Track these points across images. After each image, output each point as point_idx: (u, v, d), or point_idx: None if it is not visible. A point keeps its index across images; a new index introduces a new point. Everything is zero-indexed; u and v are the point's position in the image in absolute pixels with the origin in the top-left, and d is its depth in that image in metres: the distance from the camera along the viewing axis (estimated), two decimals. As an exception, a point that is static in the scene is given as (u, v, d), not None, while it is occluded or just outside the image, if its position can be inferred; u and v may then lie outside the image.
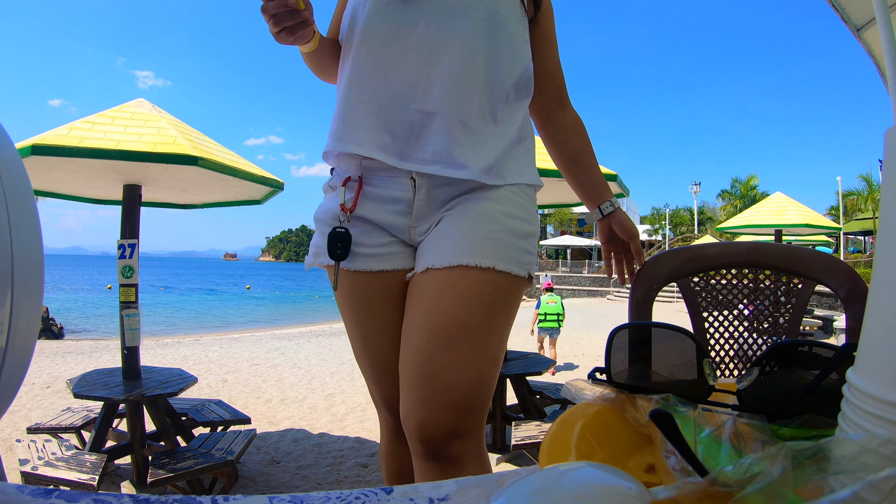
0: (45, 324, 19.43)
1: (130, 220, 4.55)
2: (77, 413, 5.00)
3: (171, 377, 4.60)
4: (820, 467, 0.38)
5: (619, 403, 0.70)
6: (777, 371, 0.65)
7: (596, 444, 0.62)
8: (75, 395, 4.07)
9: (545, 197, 6.35)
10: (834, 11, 2.97)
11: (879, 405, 0.43)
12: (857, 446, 0.39)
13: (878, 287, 0.45)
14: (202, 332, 20.71)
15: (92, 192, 5.44)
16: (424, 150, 1.33)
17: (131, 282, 4.45)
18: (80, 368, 8.82)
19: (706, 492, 0.41)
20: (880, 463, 0.37)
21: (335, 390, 7.75)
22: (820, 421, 0.56)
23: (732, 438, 0.52)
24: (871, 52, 3.26)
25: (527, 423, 4.61)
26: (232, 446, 4.07)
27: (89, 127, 3.91)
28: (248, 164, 4.63)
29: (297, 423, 6.18)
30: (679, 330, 0.74)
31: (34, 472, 3.56)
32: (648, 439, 0.65)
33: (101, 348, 11.99)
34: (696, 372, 0.70)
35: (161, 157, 3.73)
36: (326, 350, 11.68)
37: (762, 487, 0.37)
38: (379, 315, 1.43)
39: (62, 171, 4.35)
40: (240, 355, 10.85)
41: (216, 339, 14.62)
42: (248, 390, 7.74)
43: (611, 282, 35.60)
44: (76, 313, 30.00)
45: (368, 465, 4.87)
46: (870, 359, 0.46)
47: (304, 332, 16.39)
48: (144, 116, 4.19)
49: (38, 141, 3.64)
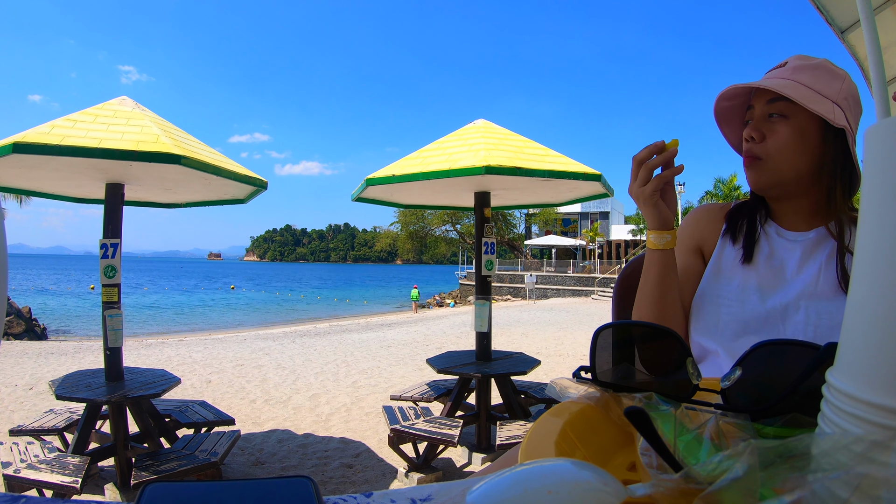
0: (28, 324, 19.26)
1: (113, 220, 4.51)
2: (60, 415, 4.95)
3: (154, 378, 4.57)
4: (794, 465, 0.39)
5: (603, 402, 0.71)
6: (761, 370, 0.66)
7: (579, 442, 0.62)
8: (58, 396, 4.04)
9: (530, 197, 6.37)
10: (819, 14, 2.99)
11: (857, 405, 0.43)
12: (829, 443, 0.39)
13: (857, 288, 0.46)
14: (186, 332, 20.61)
15: (74, 190, 5.39)
16: None
17: (114, 282, 4.42)
18: (63, 370, 8.74)
19: (681, 488, 0.41)
20: (853, 460, 0.37)
21: (320, 391, 7.73)
22: (804, 420, 0.56)
23: (713, 437, 0.52)
24: (854, 54, 3.29)
25: (511, 423, 4.62)
26: (216, 447, 4.04)
27: (72, 125, 3.87)
28: (231, 162, 4.60)
29: (282, 423, 6.15)
30: (663, 329, 0.74)
31: (16, 474, 3.52)
32: (632, 438, 0.65)
33: (85, 349, 11.88)
34: (680, 371, 0.70)
35: (144, 155, 3.70)
36: (311, 350, 11.64)
37: (727, 484, 0.38)
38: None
39: (44, 170, 4.31)
40: (224, 356, 10.79)
41: (200, 339, 14.53)
42: (232, 391, 7.70)
43: (595, 282, 35.75)
44: (59, 314, 29.79)
45: (353, 466, 4.86)
46: (848, 359, 0.46)
47: (289, 332, 16.31)
48: (127, 114, 4.15)
49: (19, 139, 3.60)
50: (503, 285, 39.81)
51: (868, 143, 0.46)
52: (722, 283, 1.35)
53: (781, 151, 1.27)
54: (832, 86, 1.26)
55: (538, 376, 7.22)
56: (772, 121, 1.28)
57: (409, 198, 6.43)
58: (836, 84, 1.27)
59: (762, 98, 1.30)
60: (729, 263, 1.37)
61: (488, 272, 5.30)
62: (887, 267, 0.42)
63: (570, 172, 4.65)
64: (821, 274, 1.25)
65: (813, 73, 1.27)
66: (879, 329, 0.42)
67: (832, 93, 1.25)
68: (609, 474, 0.40)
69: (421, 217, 48.62)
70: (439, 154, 4.87)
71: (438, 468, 4.76)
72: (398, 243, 56.21)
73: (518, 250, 53.48)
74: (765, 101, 1.29)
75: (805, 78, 1.26)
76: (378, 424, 6.02)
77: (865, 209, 0.46)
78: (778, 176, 1.29)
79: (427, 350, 11.52)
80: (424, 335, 14.52)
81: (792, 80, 1.26)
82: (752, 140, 1.30)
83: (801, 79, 1.26)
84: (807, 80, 1.26)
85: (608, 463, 0.64)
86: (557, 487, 0.37)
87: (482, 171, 4.30)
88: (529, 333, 14.86)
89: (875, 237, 0.44)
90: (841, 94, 1.26)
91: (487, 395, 5.12)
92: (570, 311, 22.75)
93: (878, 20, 2.50)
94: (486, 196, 5.39)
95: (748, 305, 1.29)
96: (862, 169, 1.19)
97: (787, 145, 1.26)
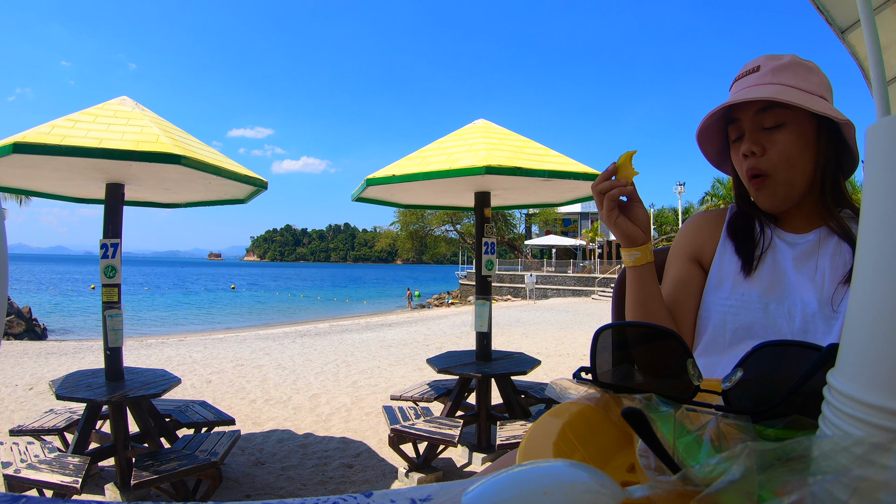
0: (29, 324, 19.26)
1: (113, 220, 4.51)
2: (60, 415, 4.95)
3: (154, 378, 4.57)
4: (793, 468, 0.39)
5: (603, 403, 0.70)
6: (762, 371, 0.65)
7: (578, 443, 0.62)
8: (58, 396, 4.04)
9: (530, 197, 6.36)
10: (819, 14, 2.99)
11: (858, 407, 0.43)
12: (829, 446, 0.39)
13: (858, 289, 0.45)
14: (186, 332, 20.61)
15: (74, 190, 5.39)
16: None
17: (114, 282, 4.42)
18: (63, 370, 8.74)
19: (678, 490, 0.41)
20: (853, 463, 0.37)
21: (320, 391, 7.73)
22: (805, 422, 0.56)
23: (714, 438, 0.52)
24: (855, 54, 3.28)
25: (512, 423, 4.62)
26: (216, 447, 4.04)
27: (72, 125, 3.87)
28: (231, 162, 4.60)
29: (282, 423, 6.15)
30: (663, 330, 0.74)
31: (16, 474, 3.52)
32: (631, 439, 0.65)
33: (85, 349, 11.88)
34: (681, 372, 0.70)
35: (144, 155, 3.70)
36: (311, 350, 11.65)
37: (724, 486, 0.38)
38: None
39: (44, 170, 4.31)
40: (224, 356, 10.79)
41: (200, 339, 14.53)
42: (232, 391, 7.70)
43: (596, 281, 35.75)
44: (59, 314, 29.80)
45: (353, 466, 4.86)
46: (849, 360, 0.46)
47: (289, 332, 16.30)
48: (127, 114, 4.15)
49: (19, 139, 3.60)
50: (503, 285, 39.81)
51: (869, 143, 0.46)
52: (724, 292, 1.33)
53: (789, 162, 1.23)
54: (813, 80, 1.24)
55: (538, 376, 7.23)
56: (769, 132, 1.23)
57: (409, 198, 6.43)
58: (815, 77, 1.25)
59: (749, 109, 1.25)
60: (730, 272, 1.34)
61: (488, 272, 5.30)
62: (889, 267, 0.42)
63: (571, 172, 4.65)
64: (825, 275, 1.23)
65: (793, 71, 1.24)
66: (881, 330, 0.42)
67: (815, 87, 1.23)
68: (606, 476, 0.40)
69: (421, 217, 48.63)
70: (439, 154, 4.87)
71: (438, 468, 4.76)
72: (398, 243, 56.25)
73: (518, 250, 53.50)
74: (753, 111, 1.24)
75: (788, 79, 1.23)
76: (378, 424, 6.02)
77: (866, 209, 0.45)
78: (790, 189, 1.26)
79: (427, 350, 11.52)
80: (424, 335, 14.52)
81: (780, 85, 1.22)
82: (753, 155, 1.24)
83: (785, 80, 1.23)
84: (791, 81, 1.22)
85: (607, 464, 0.64)
86: (553, 489, 0.37)
87: (482, 171, 4.29)
88: (529, 333, 14.86)
89: (876, 237, 0.44)
90: (822, 86, 1.24)
91: (487, 395, 5.12)
92: (570, 311, 22.75)
93: (878, 20, 2.50)
94: (486, 196, 5.39)
95: (753, 313, 1.27)
96: (864, 168, 1.18)
97: (792, 154, 1.22)
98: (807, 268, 1.26)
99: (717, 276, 1.37)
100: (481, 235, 5.30)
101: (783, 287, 1.27)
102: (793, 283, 1.26)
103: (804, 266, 1.27)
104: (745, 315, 1.28)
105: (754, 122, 1.24)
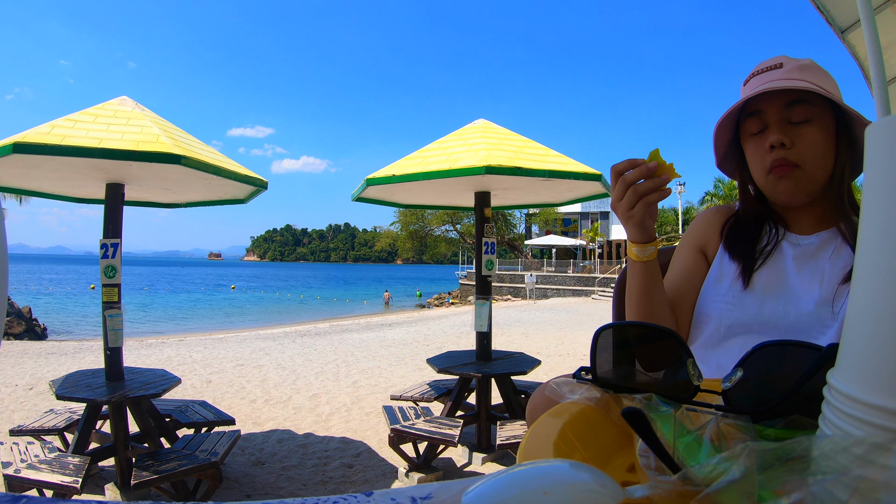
0: (29, 324, 19.26)
1: (113, 220, 4.51)
2: (60, 415, 4.95)
3: (154, 378, 4.56)
4: (793, 467, 0.39)
5: (603, 403, 0.70)
6: (763, 371, 0.65)
7: (578, 443, 0.62)
8: (58, 396, 4.03)
9: (530, 197, 6.36)
10: (819, 13, 2.99)
11: (857, 406, 0.43)
12: (829, 445, 0.39)
13: (858, 289, 0.45)
14: (186, 332, 20.60)
15: (74, 190, 5.39)
16: None
17: (114, 282, 4.41)
18: (64, 370, 8.74)
19: (678, 490, 0.41)
20: (853, 463, 0.37)
21: (320, 390, 7.73)
22: (805, 422, 0.56)
23: (714, 438, 0.52)
24: (855, 54, 3.28)
25: (512, 423, 4.61)
26: (216, 447, 4.04)
27: (72, 125, 3.87)
28: (232, 162, 4.60)
29: (282, 423, 6.15)
30: (663, 330, 0.74)
31: (17, 474, 3.52)
32: (632, 439, 0.65)
33: (85, 349, 11.88)
34: (681, 372, 0.70)
35: (144, 155, 3.70)
36: (311, 350, 11.64)
37: (724, 486, 0.38)
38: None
39: (44, 170, 4.30)
40: (224, 356, 10.78)
41: (200, 339, 14.52)
42: (232, 391, 7.70)
43: (596, 281, 35.74)
44: (60, 314, 29.78)
45: (353, 466, 4.86)
46: (849, 360, 0.46)
47: (289, 332, 16.30)
48: (127, 114, 4.15)
49: (19, 139, 3.60)
50: (503, 285, 39.78)
51: (869, 143, 0.46)
52: (723, 287, 1.33)
53: (816, 157, 1.22)
54: (830, 83, 1.25)
55: (538, 376, 7.22)
56: (796, 126, 1.22)
57: (409, 198, 6.43)
58: (830, 81, 1.25)
59: (777, 102, 1.23)
60: (731, 268, 1.34)
61: (488, 272, 5.30)
62: (889, 267, 0.42)
63: (571, 172, 4.64)
64: (825, 275, 1.23)
65: (813, 73, 1.24)
66: (881, 330, 0.42)
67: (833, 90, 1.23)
68: (606, 475, 0.40)
69: (421, 217, 48.58)
70: (439, 154, 4.87)
71: (439, 468, 4.76)
72: (398, 243, 56.17)
73: (518, 250, 53.44)
74: (782, 105, 1.23)
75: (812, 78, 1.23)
76: (378, 424, 6.02)
77: (867, 209, 0.45)
78: (813, 184, 1.25)
79: (427, 350, 11.51)
80: (424, 335, 14.51)
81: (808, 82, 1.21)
82: (783, 146, 1.22)
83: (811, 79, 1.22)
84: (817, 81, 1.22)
85: (608, 464, 0.64)
86: (554, 489, 0.37)
87: (482, 170, 4.29)
88: (529, 333, 14.85)
89: (876, 237, 0.44)
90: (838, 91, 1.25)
91: (488, 395, 5.12)
92: (570, 311, 22.74)
93: (878, 20, 2.49)
94: (486, 196, 5.38)
95: (749, 309, 1.27)
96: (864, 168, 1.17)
97: (819, 150, 1.22)
98: (808, 267, 1.26)
99: (717, 270, 1.37)
100: (481, 235, 5.29)
101: (782, 285, 1.27)
102: (792, 282, 1.26)
103: (805, 266, 1.27)
104: (741, 311, 1.28)
105: (782, 115, 1.23)
